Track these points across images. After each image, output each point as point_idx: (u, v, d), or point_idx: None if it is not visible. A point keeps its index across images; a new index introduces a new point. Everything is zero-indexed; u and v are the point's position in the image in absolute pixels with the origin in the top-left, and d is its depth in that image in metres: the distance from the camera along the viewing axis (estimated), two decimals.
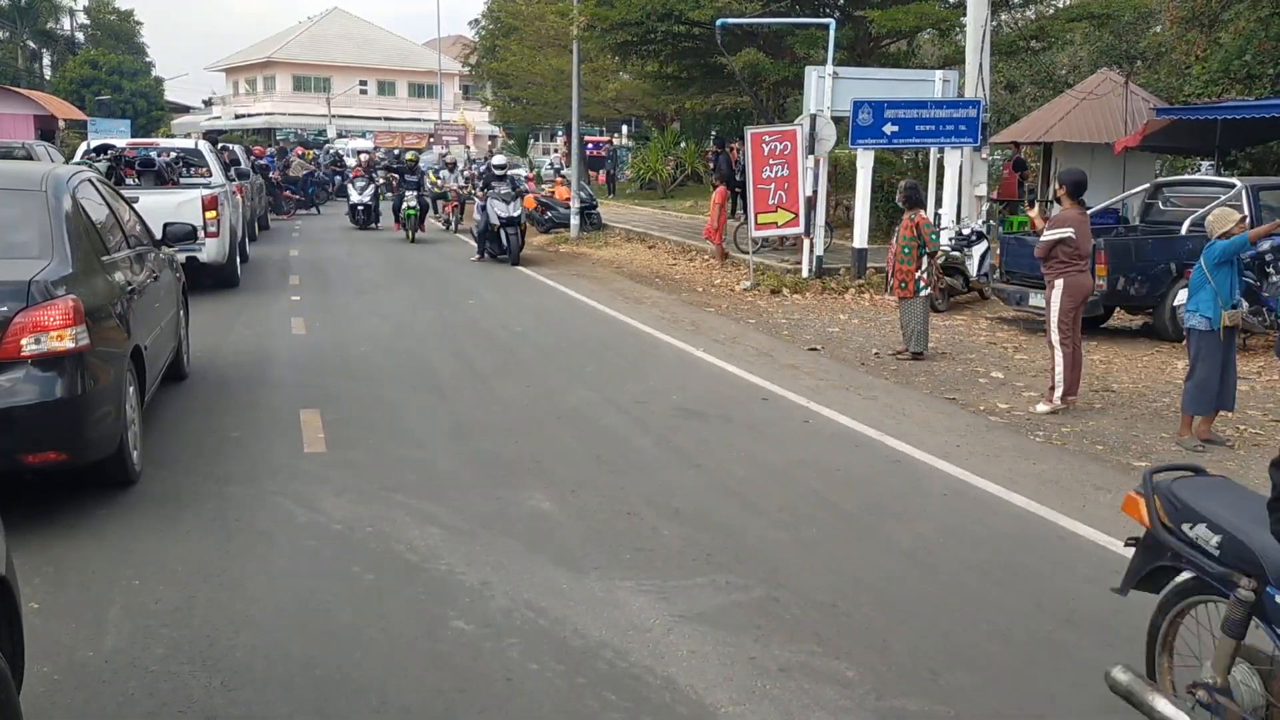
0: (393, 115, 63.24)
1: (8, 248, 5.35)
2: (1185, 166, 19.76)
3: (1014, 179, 20.78)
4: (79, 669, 3.73)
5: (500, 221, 16.94)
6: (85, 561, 4.68)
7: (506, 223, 16.97)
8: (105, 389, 5.19)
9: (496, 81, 43.49)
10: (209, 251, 12.45)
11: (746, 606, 4.37)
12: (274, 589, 4.46)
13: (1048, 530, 5.42)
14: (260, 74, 67.43)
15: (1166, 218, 11.92)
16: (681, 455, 6.58)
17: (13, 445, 4.79)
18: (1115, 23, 21.39)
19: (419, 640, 4.01)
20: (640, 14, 18.87)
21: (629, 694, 3.64)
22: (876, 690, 3.71)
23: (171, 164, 14.38)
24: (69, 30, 58.76)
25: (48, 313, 4.85)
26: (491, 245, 17.46)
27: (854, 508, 5.70)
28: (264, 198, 22.90)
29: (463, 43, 57.40)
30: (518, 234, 17.15)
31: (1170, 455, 6.80)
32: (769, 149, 14.29)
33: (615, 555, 4.90)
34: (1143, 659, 3.99)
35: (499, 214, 16.90)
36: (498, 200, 16.86)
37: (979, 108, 14.02)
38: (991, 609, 4.43)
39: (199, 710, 3.48)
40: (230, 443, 6.59)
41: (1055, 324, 7.83)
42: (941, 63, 20.84)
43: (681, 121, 38.75)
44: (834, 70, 14.45)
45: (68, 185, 5.84)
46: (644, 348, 10.27)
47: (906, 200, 9.83)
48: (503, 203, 16.84)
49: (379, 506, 5.47)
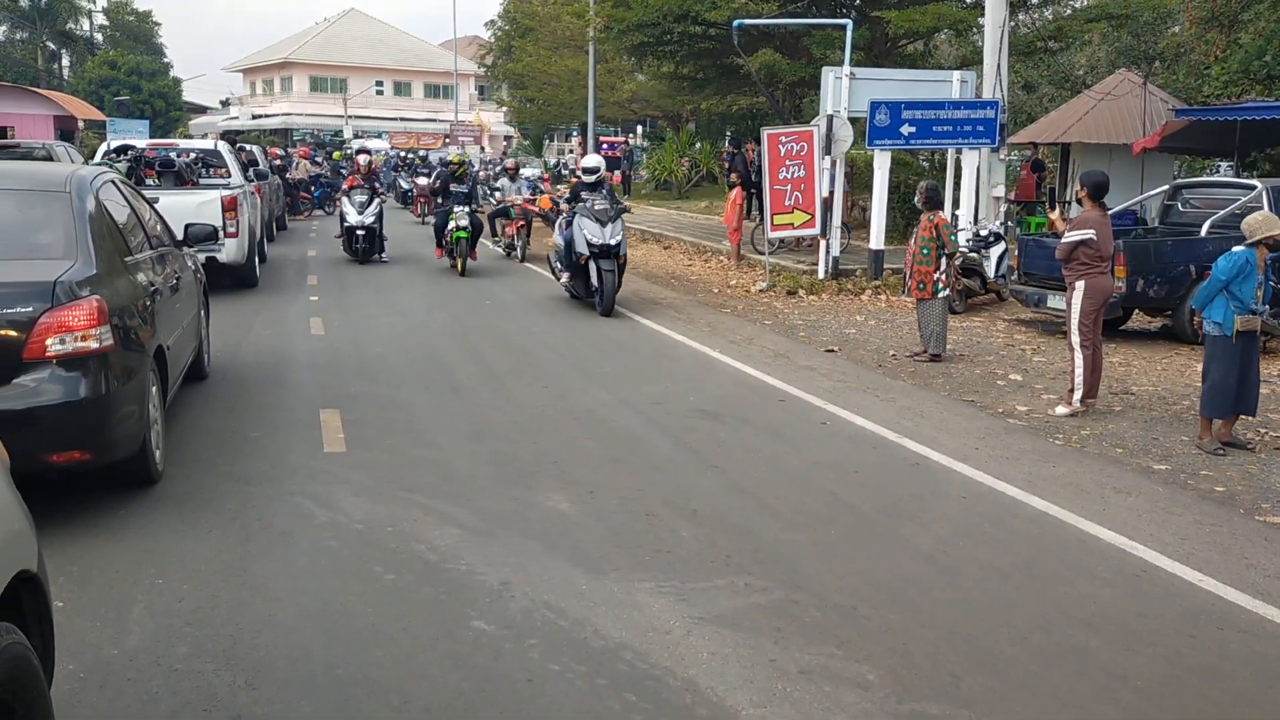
0: (408, 116, 63.44)
1: (32, 248, 5.39)
2: (1204, 168, 19.66)
3: (1032, 180, 20.72)
4: (103, 667, 3.76)
5: (591, 250, 11.78)
6: (108, 560, 4.71)
7: (600, 252, 11.76)
8: (129, 389, 5.23)
9: (512, 82, 43.60)
10: (228, 252, 12.52)
11: (766, 608, 4.37)
12: (295, 588, 4.48)
13: (1067, 533, 5.41)
14: (277, 74, 67.76)
15: (1185, 219, 11.86)
16: (699, 457, 6.58)
17: (37, 445, 4.82)
18: (1134, 23, 21.33)
19: (440, 640, 4.03)
20: (656, 15, 18.90)
21: (650, 695, 3.65)
22: (897, 693, 3.71)
23: (191, 165, 14.48)
24: (88, 31, 59.12)
25: (72, 313, 4.89)
26: (575, 282, 12.42)
27: (872, 510, 5.69)
28: (281, 198, 22.98)
29: (478, 44, 57.58)
30: (615, 270, 11.86)
31: (1190, 459, 6.78)
32: (785, 150, 14.28)
33: (634, 556, 4.91)
34: (1162, 662, 3.98)
35: (590, 238, 11.72)
36: (589, 219, 11.78)
37: (997, 108, 13.98)
38: (1011, 612, 4.42)
39: (223, 709, 3.51)
40: (250, 442, 6.63)
41: (1076, 326, 7.80)
42: (959, 63, 20.81)
43: (697, 122, 38.76)
44: (851, 71, 14.43)
45: (91, 186, 5.88)
46: (660, 349, 10.28)
47: (926, 201, 9.81)
48: (595, 222, 11.73)
49: (398, 507, 5.49)
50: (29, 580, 2.61)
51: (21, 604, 2.59)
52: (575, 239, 11.90)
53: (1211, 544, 5.28)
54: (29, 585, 2.62)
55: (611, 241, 11.71)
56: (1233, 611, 4.49)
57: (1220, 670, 3.98)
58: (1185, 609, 4.51)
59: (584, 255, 11.85)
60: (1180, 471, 6.50)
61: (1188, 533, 5.43)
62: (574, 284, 12.44)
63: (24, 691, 2.41)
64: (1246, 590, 4.69)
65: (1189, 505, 5.87)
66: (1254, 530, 5.51)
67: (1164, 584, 4.79)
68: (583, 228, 11.75)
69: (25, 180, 6.09)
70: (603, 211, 11.83)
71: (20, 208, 5.67)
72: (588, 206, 11.88)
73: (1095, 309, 7.83)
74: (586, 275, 12.08)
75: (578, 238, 11.83)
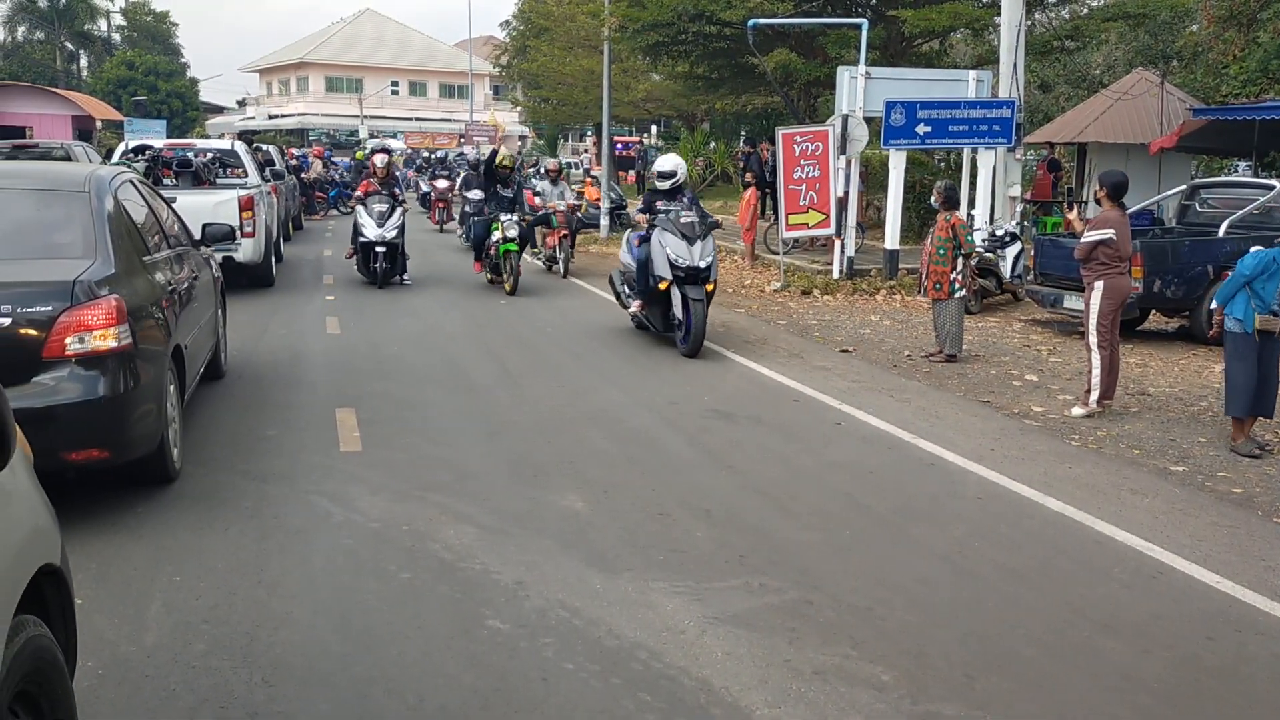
0: (424, 116, 63.61)
1: (52, 248, 5.43)
2: (1222, 168, 19.57)
3: (1048, 180, 20.64)
4: (122, 664, 3.79)
5: (674, 274, 9.48)
6: (126, 558, 4.75)
7: (686, 276, 9.48)
8: (147, 388, 5.26)
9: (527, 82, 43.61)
10: (245, 251, 12.57)
11: (780, 609, 4.37)
12: (312, 587, 4.50)
13: (1084, 534, 5.38)
14: (293, 75, 68.04)
15: (1203, 219, 11.80)
16: (713, 457, 6.59)
17: (56, 443, 4.85)
18: (1151, 22, 21.22)
19: (455, 639, 4.04)
20: (671, 15, 18.90)
21: (664, 695, 3.66)
22: (912, 694, 3.70)
23: (208, 164, 14.55)
24: (106, 31, 59.47)
25: (91, 312, 4.92)
26: (651, 312, 10.11)
27: (887, 510, 5.68)
28: (298, 198, 23.06)
29: (493, 43, 57.63)
30: (705, 300, 9.52)
31: (1208, 460, 6.74)
32: (800, 149, 14.26)
33: (648, 556, 4.91)
34: (1179, 665, 3.96)
35: (674, 258, 9.45)
36: (672, 234, 9.54)
37: (1013, 108, 13.93)
38: (1027, 613, 4.40)
39: (240, 706, 3.53)
40: (267, 441, 6.66)
41: (1094, 326, 7.77)
42: (975, 62, 20.74)
43: (711, 122, 38.75)
44: (866, 70, 14.40)
45: (110, 186, 5.92)
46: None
47: (944, 201, 9.79)
48: (681, 239, 9.50)
49: (414, 505, 5.51)
50: (52, 574, 2.64)
51: (45, 598, 2.62)
52: (654, 259, 9.63)
53: (1229, 546, 5.25)
54: (52, 579, 2.65)
55: (701, 264, 9.41)
56: (1250, 614, 4.47)
57: (1238, 673, 3.96)
58: (1202, 611, 4.49)
59: (665, 280, 9.52)
60: (1198, 473, 6.47)
61: (1205, 534, 5.40)
62: (648, 315, 10.19)
63: (48, 684, 2.45)
64: (1264, 592, 4.66)
65: (1206, 507, 5.84)
66: (1272, 532, 5.48)
67: (1181, 586, 4.77)
68: (665, 245, 9.50)
69: (44, 180, 6.13)
70: (689, 226, 9.55)
71: (39, 207, 5.71)
72: (670, 219, 9.63)
73: (1114, 309, 7.80)
74: (665, 305, 9.78)
75: (657, 258, 9.58)
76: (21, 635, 2.31)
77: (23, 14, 53.26)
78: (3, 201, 5.76)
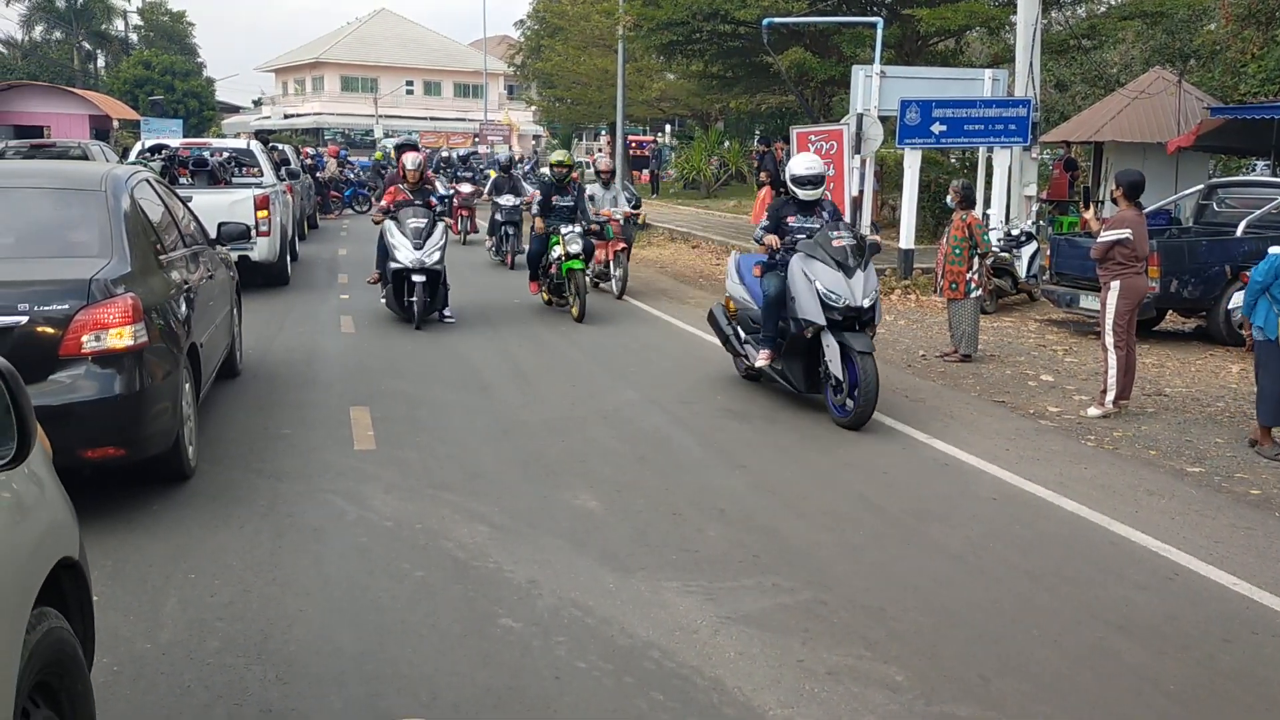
0: (438, 115, 63.75)
1: (68, 246, 5.47)
2: (1240, 167, 19.44)
3: (1064, 179, 20.54)
4: (137, 660, 3.81)
5: (831, 317, 7.21)
6: (142, 555, 4.77)
7: (845, 319, 7.24)
8: (162, 386, 5.29)
9: (541, 81, 43.64)
10: (260, 250, 12.62)
11: (793, 609, 4.36)
12: (326, 584, 4.52)
13: (1099, 535, 5.36)
14: (309, 74, 68.28)
15: (1220, 219, 11.73)
16: (726, 456, 6.58)
17: (72, 440, 4.87)
18: (1168, 20, 21.07)
19: (468, 637, 4.05)
20: (686, 14, 18.89)
21: (677, 694, 3.65)
22: (926, 695, 3.69)
23: (224, 164, 14.61)
24: (123, 31, 59.79)
25: (107, 310, 4.95)
26: (790, 367, 7.65)
27: (901, 511, 5.66)
28: (313, 197, 23.13)
29: (508, 43, 57.70)
30: (871, 353, 7.14)
31: (1225, 461, 6.70)
32: (815, 148, 14.23)
33: (661, 555, 4.91)
34: (1195, 666, 3.94)
35: (828, 293, 7.18)
36: (822, 261, 7.29)
37: (1029, 107, 13.87)
38: (1042, 614, 4.38)
39: (254, 702, 3.54)
40: (282, 439, 6.68)
41: (1110, 326, 7.73)
42: (990, 61, 20.66)
43: (725, 121, 38.72)
44: (881, 69, 14.36)
45: (126, 185, 5.95)
46: (688, 348, 10.27)
47: (962, 200, 9.76)
48: (834, 269, 7.26)
49: (427, 504, 5.53)
50: (71, 567, 2.66)
51: (64, 591, 2.64)
52: (797, 297, 7.28)
53: (1246, 547, 5.21)
54: (71, 572, 2.68)
55: (865, 302, 7.18)
56: (1267, 615, 4.44)
57: (1255, 675, 3.93)
58: (1219, 612, 4.46)
59: (815, 325, 7.19)
60: (1214, 474, 6.43)
61: (1222, 536, 5.37)
62: (785, 370, 7.67)
63: (67, 675, 2.47)
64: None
65: (1223, 508, 5.81)
66: None
67: (1197, 587, 4.74)
68: (813, 278, 7.20)
69: (61, 179, 6.17)
70: (843, 251, 7.29)
71: (57, 206, 5.75)
72: (816, 242, 7.36)
73: (1130, 309, 7.76)
74: (811, 357, 7.45)
75: (802, 295, 7.23)
76: (42, 626, 2.34)
77: (40, 14, 53.60)
78: (20, 200, 5.81)
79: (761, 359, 7.81)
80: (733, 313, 8.54)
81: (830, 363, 7.28)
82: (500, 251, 16.58)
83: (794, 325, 7.41)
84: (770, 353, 7.78)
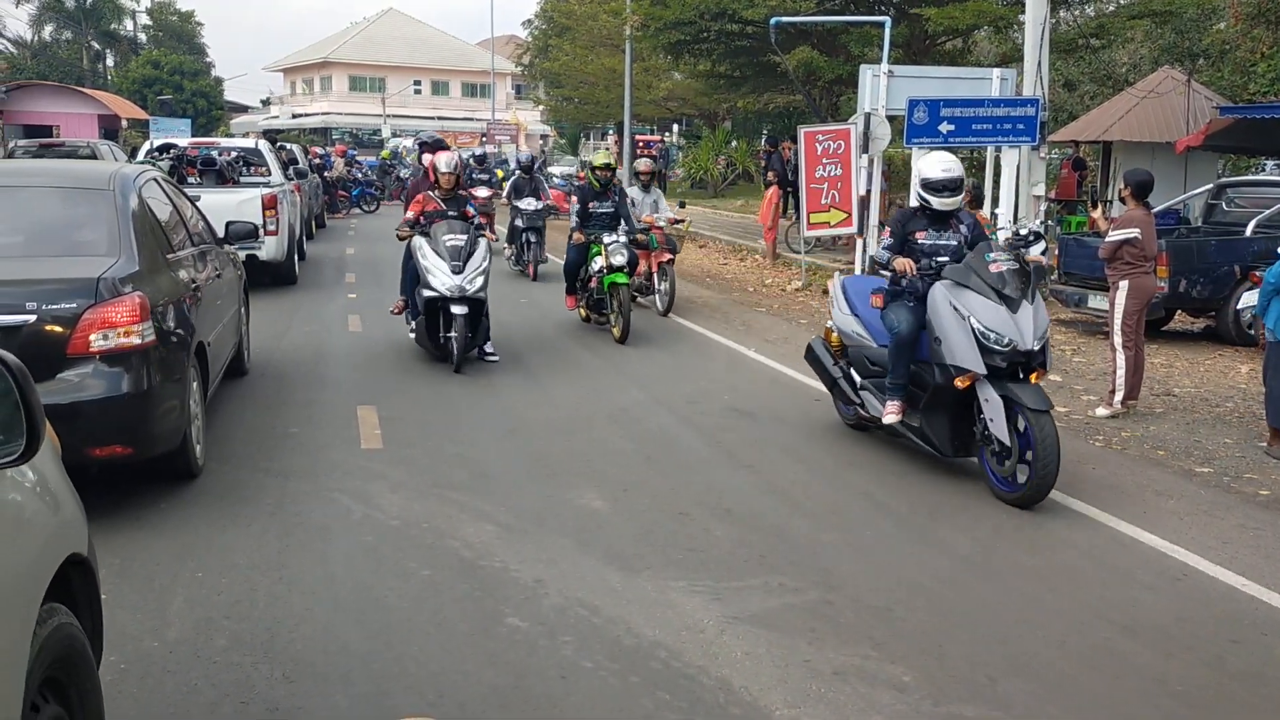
0: (446, 115, 63.80)
1: (76, 245, 5.49)
2: (1249, 167, 19.36)
3: (1073, 178, 20.48)
4: (144, 658, 3.81)
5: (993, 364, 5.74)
6: (149, 553, 4.78)
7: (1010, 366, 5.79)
8: (170, 384, 5.30)
9: (549, 81, 43.74)
10: (268, 249, 12.63)
11: (800, 609, 4.36)
12: (332, 583, 4.52)
13: (1107, 536, 5.34)
14: (317, 74, 68.38)
15: (1230, 219, 11.69)
16: (732, 456, 6.57)
17: (80, 439, 4.88)
18: (1177, 20, 21.01)
19: (474, 636, 4.05)
20: (693, 13, 18.88)
21: (683, 694, 3.65)
22: (933, 696, 3.68)
23: (232, 163, 14.64)
24: (132, 31, 59.95)
25: (115, 309, 4.96)
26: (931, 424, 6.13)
27: (907, 510, 5.65)
28: (320, 197, 23.16)
29: (515, 42, 57.80)
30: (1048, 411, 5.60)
31: (1234, 462, 6.67)
32: (822, 148, 14.20)
33: (667, 555, 4.90)
34: (1202, 668, 3.93)
35: (988, 332, 5.73)
36: (977, 292, 5.87)
37: (1037, 106, 13.81)
38: (1049, 615, 4.37)
39: (261, 701, 3.55)
40: (289, 438, 6.69)
41: (1119, 326, 7.70)
42: (998, 61, 20.63)
43: (733, 120, 38.71)
44: (889, 68, 14.31)
45: (134, 184, 5.97)
46: (695, 347, 10.27)
47: (971, 200, 9.74)
48: (999, 301, 5.83)
49: (434, 503, 5.53)
50: (80, 564, 2.68)
51: (73, 587, 2.65)
52: (946, 337, 5.83)
53: (1255, 548, 5.19)
54: (80, 569, 2.69)
55: (1035, 344, 5.75)
56: (1276, 616, 4.43)
57: (1264, 676, 3.92)
58: (1227, 614, 4.44)
59: (971, 373, 5.75)
60: (1224, 475, 6.41)
61: (1230, 536, 5.35)
62: (923, 428, 6.14)
63: (75, 671, 2.49)
64: None
65: (1232, 509, 5.79)
66: None
67: (1205, 588, 4.72)
68: (966, 312, 5.78)
69: (70, 178, 6.19)
70: (1001, 278, 5.87)
71: (65, 205, 5.77)
72: (968, 266, 5.97)
73: (1139, 309, 7.73)
74: (958, 413, 6.00)
75: (952, 334, 5.79)
76: (51, 621, 2.36)
77: (50, 14, 53.77)
78: (29, 199, 5.83)
79: (891, 413, 6.30)
80: (837, 347, 7.09)
81: (990, 422, 5.72)
82: (520, 261, 15.24)
83: (937, 373, 5.94)
84: (901, 405, 6.27)
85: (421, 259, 8.71)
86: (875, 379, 6.64)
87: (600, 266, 10.24)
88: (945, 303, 5.93)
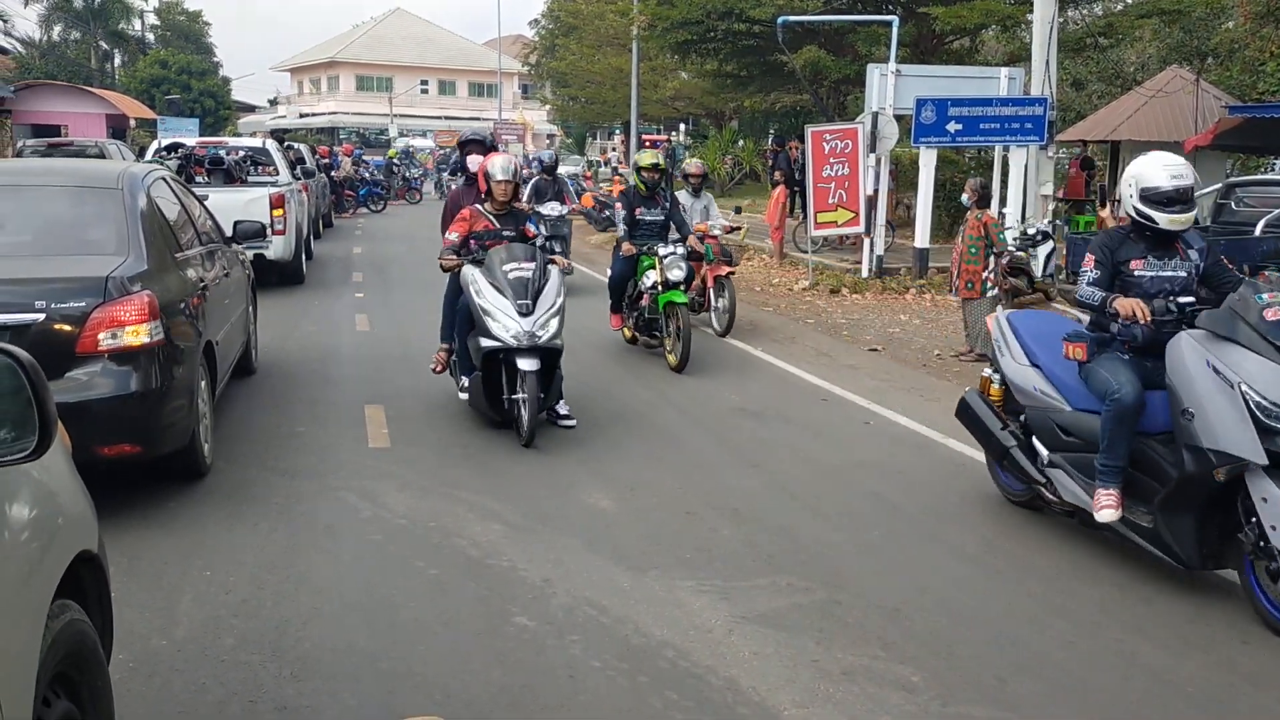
0: (453, 114, 63.88)
1: (85, 244, 5.49)
2: (1258, 166, 19.29)
3: (1081, 178, 20.43)
4: (152, 657, 3.82)
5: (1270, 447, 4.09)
6: (157, 551, 4.79)
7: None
8: (178, 383, 5.30)
9: (556, 81, 43.75)
10: (276, 249, 12.64)
11: (808, 609, 4.35)
12: (340, 582, 4.52)
13: (1117, 536, 5.30)
14: (324, 74, 68.53)
15: (1239, 218, 11.67)
16: (740, 455, 6.56)
17: (88, 437, 4.87)
18: (1186, 19, 20.95)
19: (482, 635, 4.05)
20: (701, 13, 18.89)
21: (691, 694, 3.64)
22: (942, 696, 3.67)
23: (240, 163, 14.66)
24: (140, 31, 60.05)
25: (124, 308, 4.96)
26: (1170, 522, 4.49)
27: (916, 510, 5.64)
28: (328, 196, 23.18)
29: (522, 42, 57.83)
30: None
31: None
32: (830, 147, 14.20)
33: (675, 555, 4.90)
34: (1216, 670, 3.91)
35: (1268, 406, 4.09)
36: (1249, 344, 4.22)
37: (1045, 105, 13.79)
38: (1059, 615, 4.35)
39: (269, 700, 3.55)
40: (297, 437, 6.70)
41: None
42: (1006, 60, 20.59)
43: (740, 120, 38.67)
44: (896, 68, 14.32)
45: (143, 184, 5.98)
46: (702, 347, 10.24)
47: (979, 199, 9.72)
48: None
49: (441, 502, 5.53)
50: (89, 561, 2.68)
51: (83, 583, 2.66)
52: (1202, 410, 4.33)
53: None
54: (90, 566, 2.70)
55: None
56: None
57: (1275, 677, 3.90)
58: (1238, 614, 4.42)
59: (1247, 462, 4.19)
60: None
61: None
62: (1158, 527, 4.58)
63: (85, 667, 2.50)
64: None
65: None
66: None
67: (1216, 587, 4.70)
68: (1235, 379, 4.25)
69: (79, 177, 6.20)
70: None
71: (74, 204, 5.78)
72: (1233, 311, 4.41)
73: None
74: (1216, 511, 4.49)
75: (1215, 409, 4.29)
76: (63, 617, 2.37)
77: (58, 14, 53.89)
78: (38, 198, 5.84)
79: (1107, 507, 4.74)
80: (998, 401, 5.71)
81: (1272, 531, 4.16)
82: None
83: (1187, 459, 4.41)
84: (1119, 495, 4.74)
85: (476, 297, 6.71)
86: (1071, 453, 5.07)
87: (653, 282, 9.00)
88: (1201, 362, 4.39)
